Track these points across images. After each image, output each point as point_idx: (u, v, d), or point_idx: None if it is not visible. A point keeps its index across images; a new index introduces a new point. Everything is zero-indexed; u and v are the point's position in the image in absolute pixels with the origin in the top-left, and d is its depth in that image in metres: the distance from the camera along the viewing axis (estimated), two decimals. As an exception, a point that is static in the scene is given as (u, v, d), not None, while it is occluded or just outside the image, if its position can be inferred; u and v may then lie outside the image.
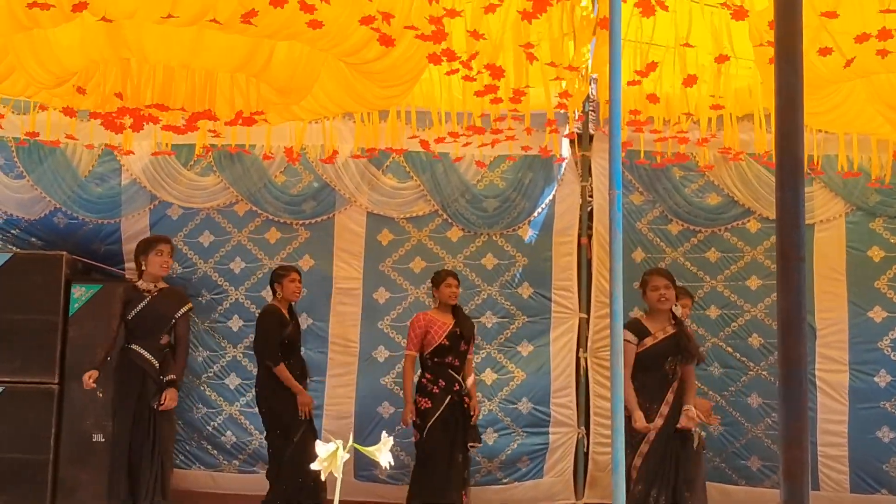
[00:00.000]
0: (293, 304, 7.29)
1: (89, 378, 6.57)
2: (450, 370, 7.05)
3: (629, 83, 5.99)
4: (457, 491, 6.92)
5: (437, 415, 6.91)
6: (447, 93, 6.72)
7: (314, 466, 4.75)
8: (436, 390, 6.97)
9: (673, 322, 6.26)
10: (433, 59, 5.67)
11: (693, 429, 6.18)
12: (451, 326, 7.13)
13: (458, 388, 7.03)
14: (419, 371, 7.12)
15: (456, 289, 7.24)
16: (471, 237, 8.15)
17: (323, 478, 4.44)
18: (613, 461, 4.48)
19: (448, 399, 6.97)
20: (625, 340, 5.95)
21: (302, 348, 7.36)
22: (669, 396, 6.14)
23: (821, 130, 7.22)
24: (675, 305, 6.29)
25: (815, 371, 7.57)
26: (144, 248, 6.79)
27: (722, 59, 5.69)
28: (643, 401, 6.06)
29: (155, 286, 6.75)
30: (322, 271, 8.07)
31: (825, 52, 4.94)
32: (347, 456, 4.62)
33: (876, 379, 7.65)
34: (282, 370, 6.97)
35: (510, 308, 8.05)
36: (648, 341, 6.19)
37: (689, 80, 5.99)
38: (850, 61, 5.04)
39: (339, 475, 4.55)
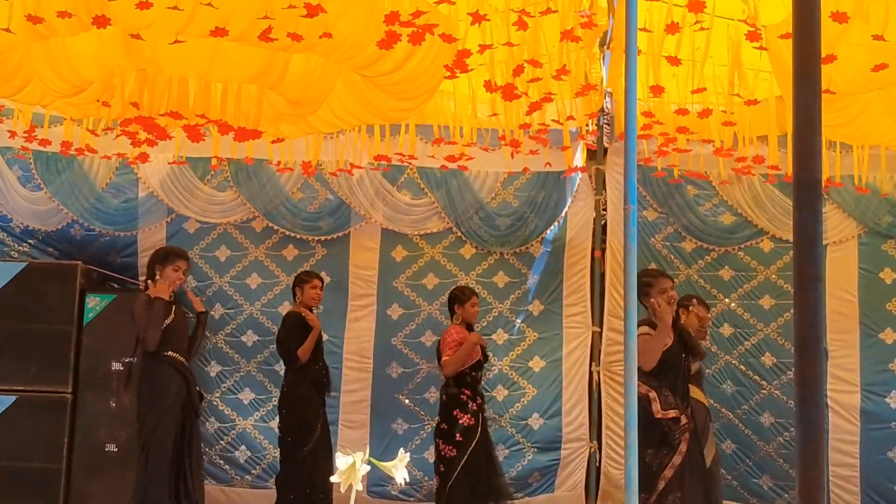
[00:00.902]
0: (313, 310, 7.33)
1: None
2: (479, 385, 7.08)
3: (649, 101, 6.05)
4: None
5: (480, 431, 6.86)
6: (462, 108, 6.80)
7: (333, 479, 4.78)
8: (474, 407, 6.90)
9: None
10: (450, 69, 5.71)
11: None
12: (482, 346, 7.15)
13: (481, 401, 7.02)
14: (455, 386, 6.93)
15: (478, 308, 7.26)
16: (483, 255, 8.19)
17: (343, 490, 4.51)
18: (626, 476, 4.53)
19: (481, 418, 6.94)
20: (645, 334, 5.90)
21: (324, 358, 7.36)
22: (688, 398, 6.12)
23: (834, 146, 7.23)
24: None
25: (828, 392, 7.59)
26: (163, 259, 6.75)
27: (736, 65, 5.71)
28: (675, 400, 5.96)
29: (170, 298, 6.77)
30: (337, 287, 8.10)
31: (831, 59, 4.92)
32: (368, 469, 4.67)
33: (887, 400, 7.66)
34: (304, 350, 7.02)
35: (521, 325, 8.07)
36: (668, 340, 6.06)
37: (699, 90, 6.00)
38: (879, 66, 5.04)
39: (358, 486, 4.58)
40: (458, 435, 6.78)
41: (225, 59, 5.82)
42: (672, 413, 5.94)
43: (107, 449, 7.64)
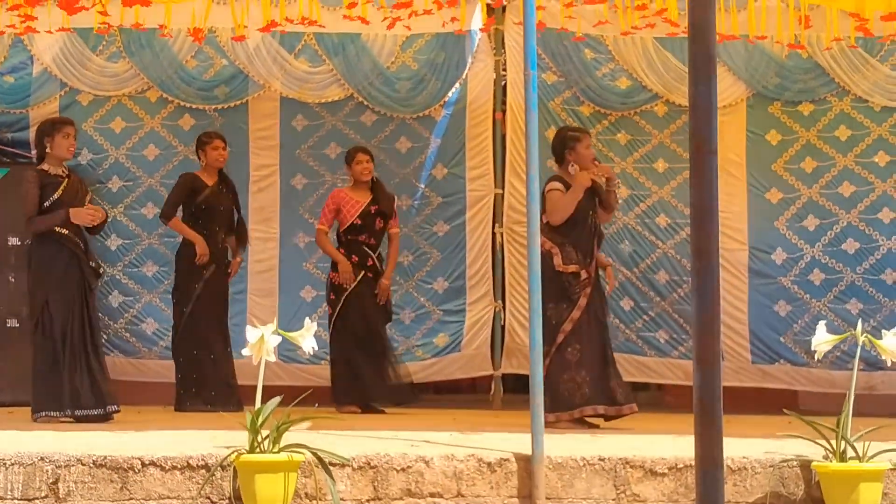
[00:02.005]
0: (224, 171, 7.38)
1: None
2: (364, 247, 7.32)
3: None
4: (388, 361, 7.33)
5: (350, 290, 7.22)
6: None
7: (244, 352, 4.85)
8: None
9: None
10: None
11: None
12: (365, 204, 7.33)
13: (371, 263, 7.34)
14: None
15: (367, 164, 7.42)
16: (385, 121, 8.17)
17: (255, 362, 4.59)
18: (531, 336, 4.72)
19: (361, 274, 7.27)
20: (554, 190, 6.17)
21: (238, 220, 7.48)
22: (596, 253, 6.31)
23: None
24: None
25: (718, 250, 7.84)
26: (49, 129, 6.51)
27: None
28: (577, 256, 6.15)
29: (64, 171, 6.59)
30: (238, 158, 8.00)
31: None
32: (278, 340, 4.74)
33: (773, 256, 7.99)
34: (175, 223, 7.24)
35: (425, 190, 8.14)
36: (579, 197, 6.21)
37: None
38: None
39: (270, 358, 4.66)
40: (331, 294, 7.32)
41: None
42: (573, 268, 6.13)
43: (8, 324, 7.61)
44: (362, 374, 7.28)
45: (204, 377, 7.19)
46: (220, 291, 7.34)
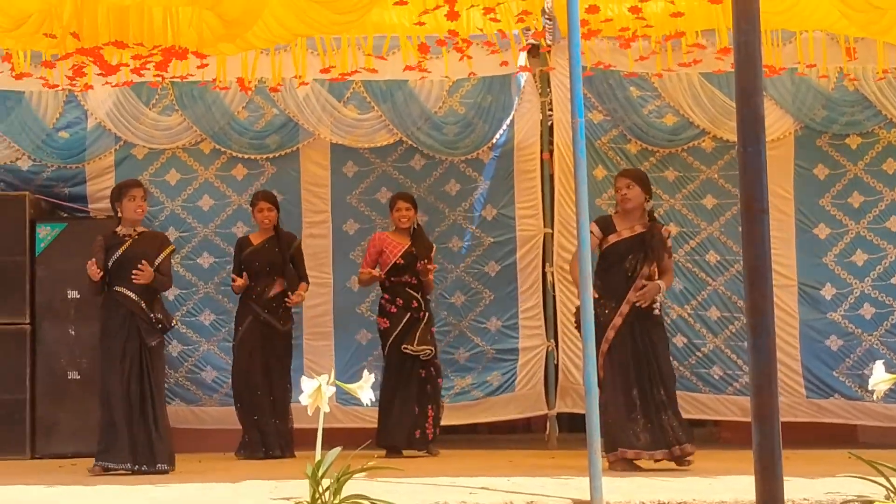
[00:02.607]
0: (279, 227, 7.61)
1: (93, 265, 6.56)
2: (407, 289, 7.40)
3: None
4: (420, 405, 7.31)
5: (395, 333, 7.31)
6: (401, 17, 6.81)
7: (302, 401, 4.89)
8: (393, 310, 7.40)
9: (646, 223, 6.35)
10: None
11: (648, 305, 6.24)
12: (406, 247, 7.44)
13: (416, 305, 7.39)
14: (378, 293, 7.59)
15: (406, 211, 7.52)
16: (434, 164, 8.26)
17: (310, 413, 4.65)
18: (586, 381, 4.71)
19: (407, 317, 7.34)
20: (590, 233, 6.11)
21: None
22: (631, 295, 6.22)
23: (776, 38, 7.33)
24: (648, 202, 6.39)
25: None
26: (118, 194, 6.74)
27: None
28: (604, 298, 6.12)
29: (134, 230, 6.77)
30: (291, 205, 8.15)
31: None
32: (333, 390, 4.80)
33: (822, 292, 7.96)
34: (236, 283, 7.49)
35: (475, 231, 8.20)
36: (612, 238, 6.30)
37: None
38: None
39: (325, 409, 4.71)
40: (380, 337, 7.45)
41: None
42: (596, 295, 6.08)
43: (69, 377, 7.71)
44: (392, 416, 7.33)
45: (261, 423, 7.34)
46: (272, 337, 7.46)
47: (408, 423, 7.30)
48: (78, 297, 7.67)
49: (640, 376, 6.19)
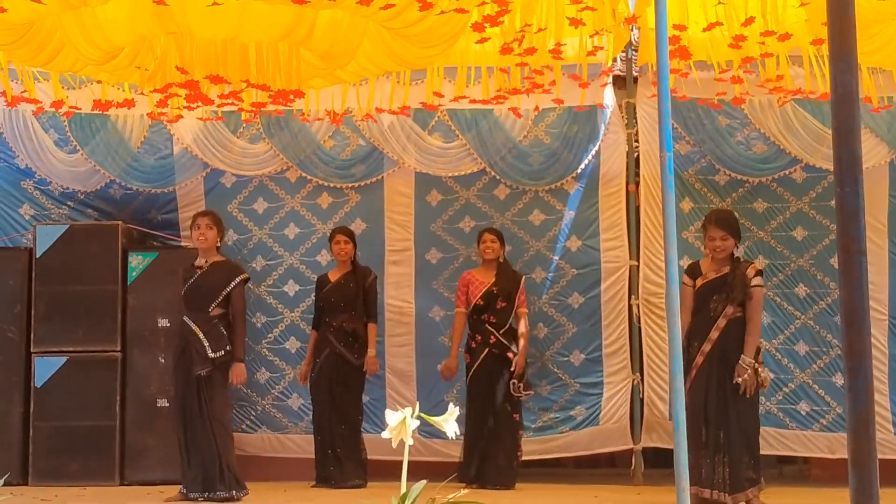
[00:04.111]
0: (356, 261, 7.77)
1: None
2: (486, 325, 7.56)
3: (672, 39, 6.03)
4: (503, 440, 7.37)
5: (475, 367, 7.49)
6: (483, 50, 6.81)
7: (384, 435, 4.86)
8: (473, 345, 7.61)
9: (731, 264, 6.42)
10: (476, 27, 5.79)
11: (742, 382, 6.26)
12: (488, 285, 7.58)
13: (494, 340, 7.52)
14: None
15: (491, 244, 7.63)
16: (518, 194, 8.22)
17: (394, 445, 4.63)
18: (675, 418, 4.61)
19: (485, 352, 7.48)
20: (683, 283, 6.35)
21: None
22: (713, 334, 6.31)
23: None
24: (737, 248, 6.54)
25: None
26: (191, 224, 7.01)
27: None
28: (688, 338, 6.25)
29: (206, 261, 6.90)
30: (374, 234, 8.20)
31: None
32: (417, 423, 4.75)
33: (915, 326, 7.74)
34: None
35: (559, 262, 8.13)
36: (699, 282, 6.50)
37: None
38: None
39: (409, 441, 4.68)
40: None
41: (253, 18, 5.88)
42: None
43: (158, 404, 7.82)
44: (474, 451, 7.43)
45: (336, 453, 7.48)
46: (346, 369, 7.60)
47: (491, 456, 7.38)
48: (168, 325, 7.80)
49: (718, 417, 6.26)
